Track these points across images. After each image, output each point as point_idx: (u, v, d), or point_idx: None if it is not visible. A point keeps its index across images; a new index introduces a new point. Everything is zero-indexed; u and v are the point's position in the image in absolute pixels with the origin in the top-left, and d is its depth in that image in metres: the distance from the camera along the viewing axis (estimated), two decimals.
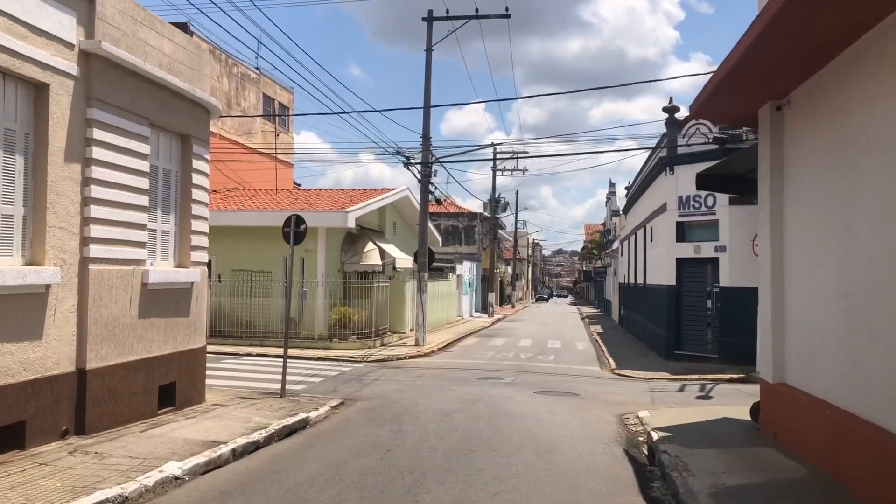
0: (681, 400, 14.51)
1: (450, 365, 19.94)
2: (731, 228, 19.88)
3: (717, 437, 10.08)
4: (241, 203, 26.30)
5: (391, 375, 17.43)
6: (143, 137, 10.47)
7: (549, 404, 13.32)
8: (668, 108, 21.66)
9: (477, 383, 16.20)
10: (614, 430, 11.10)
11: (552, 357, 22.57)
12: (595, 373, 19.30)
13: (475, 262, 47.83)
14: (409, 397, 13.93)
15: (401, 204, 30.89)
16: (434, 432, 10.47)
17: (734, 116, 10.45)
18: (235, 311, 23.47)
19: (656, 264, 23.73)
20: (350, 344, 22.55)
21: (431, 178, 24.77)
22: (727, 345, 19.84)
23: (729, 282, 19.91)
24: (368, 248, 25.73)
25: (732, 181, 12.30)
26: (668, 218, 21.62)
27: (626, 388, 16.12)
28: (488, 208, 47.68)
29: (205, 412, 11.52)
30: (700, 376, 18.05)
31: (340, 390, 15.03)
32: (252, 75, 34.39)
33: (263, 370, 17.83)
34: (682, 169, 21.12)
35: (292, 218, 14.20)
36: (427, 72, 24.32)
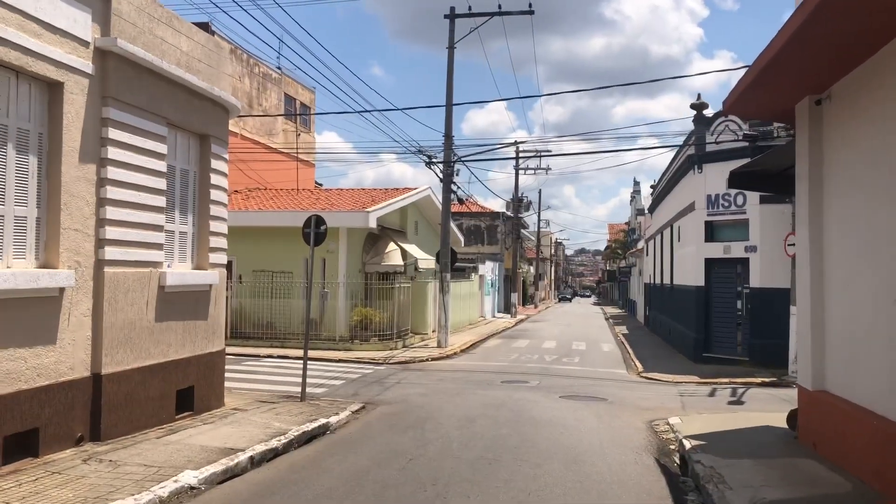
0: (712, 405, 14.06)
1: (473, 368, 19.60)
2: (762, 228, 19.37)
3: (753, 446, 9.66)
4: (262, 203, 26.15)
5: (413, 378, 17.12)
6: (161, 137, 10.25)
7: (576, 410, 12.95)
8: (697, 104, 21.16)
9: (501, 387, 15.85)
10: (644, 438, 10.71)
11: (577, 359, 22.16)
12: (622, 376, 18.87)
13: (497, 262, 47.44)
14: (431, 402, 13.62)
15: (422, 203, 30.60)
16: (457, 440, 10.14)
17: (769, 112, 10.03)
18: (256, 313, 23.30)
19: (684, 264, 23.25)
20: (371, 346, 22.29)
21: (454, 178, 24.42)
22: (757, 347, 19.34)
23: (759, 283, 19.41)
24: (390, 249, 25.48)
25: (766, 179, 11.86)
26: (696, 217, 21.14)
27: (655, 393, 15.70)
28: (511, 207, 47.26)
29: (223, 417, 11.28)
30: (730, 380, 17.58)
31: (362, 394, 14.75)
32: (273, 75, 34.27)
33: (284, 372, 17.61)
34: (711, 167, 20.64)
35: (312, 218, 13.94)
36: (449, 69, 24.00)
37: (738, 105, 9.73)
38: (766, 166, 11.46)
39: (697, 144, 20.97)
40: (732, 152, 19.97)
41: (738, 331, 20.23)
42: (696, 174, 21.11)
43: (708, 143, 20.55)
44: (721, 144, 20.27)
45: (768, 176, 11.74)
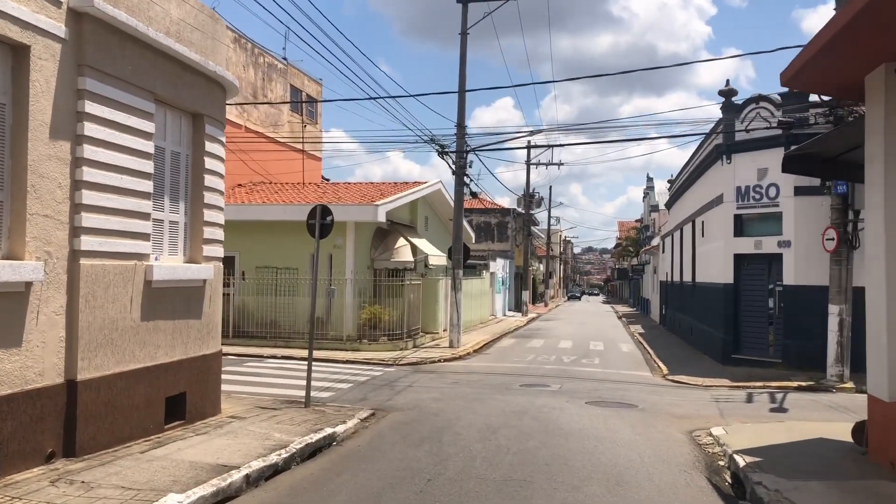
0: (752, 413, 12.88)
1: (488, 369, 18.46)
2: (797, 221, 18.15)
3: (816, 463, 8.50)
4: (266, 197, 25.05)
5: (425, 381, 16.00)
6: (147, 114, 9.14)
7: (607, 418, 11.79)
8: (725, 91, 19.92)
9: (521, 391, 14.71)
10: (689, 453, 9.55)
11: (597, 360, 20.99)
12: (647, 379, 17.70)
13: (508, 260, 46.27)
14: (447, 408, 12.49)
15: (433, 198, 29.47)
16: (481, 455, 9.00)
17: (832, 85, 8.84)
18: (259, 311, 22.21)
19: (709, 261, 22.03)
20: (380, 345, 21.17)
21: (466, 170, 23.26)
22: (791, 349, 18.13)
23: (794, 280, 18.19)
24: (400, 244, 24.33)
25: (823, 164, 10.66)
26: (724, 210, 19.92)
27: (686, 398, 14.53)
28: (522, 203, 46.06)
29: (218, 427, 10.17)
30: (764, 383, 16.40)
31: (371, 399, 13.64)
32: (279, 66, 33.16)
33: (288, 374, 16.53)
34: (741, 157, 19.42)
35: (318, 208, 12.81)
36: (462, 56, 22.86)
37: (799, 77, 8.55)
38: (822, 149, 10.26)
39: (726, 132, 19.75)
40: (765, 141, 18.79)
41: (770, 331, 19.00)
42: (724, 165, 19.88)
43: (738, 131, 19.33)
44: (752, 133, 19.05)
45: (824, 161, 10.54)
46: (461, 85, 22.59)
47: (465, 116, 22.80)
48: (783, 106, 18.41)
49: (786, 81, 8.79)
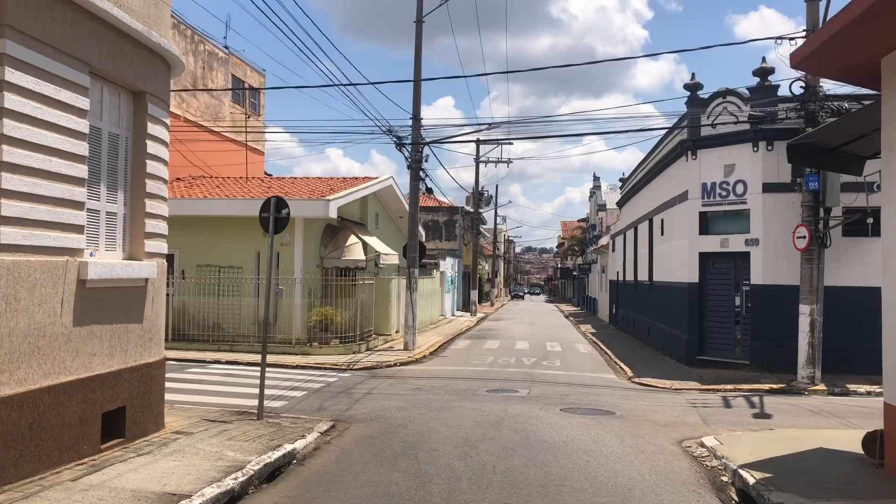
0: (736, 419, 12.23)
1: (449, 373, 17.51)
2: (765, 219, 17.69)
3: (831, 479, 7.80)
4: (207, 191, 23.61)
5: (385, 388, 14.97)
6: (81, 88, 7.91)
7: (588, 428, 10.96)
8: (691, 84, 19.38)
9: (489, 398, 13.80)
10: (688, 468, 8.76)
11: (558, 362, 20.24)
12: (613, 382, 17.01)
13: (457, 259, 45.41)
14: (415, 419, 11.49)
15: (384, 194, 28.40)
16: (465, 476, 8.04)
17: (845, 69, 8.15)
18: (201, 313, 20.80)
19: (671, 260, 21.50)
20: (332, 349, 20.02)
21: (422, 164, 22.26)
22: (759, 350, 17.67)
23: (762, 279, 17.73)
24: (351, 242, 23.19)
25: (824, 155, 10.01)
26: (689, 207, 19.38)
27: (661, 403, 13.83)
28: (471, 202, 45.27)
29: (163, 445, 8.98)
30: (735, 386, 15.85)
31: (328, 408, 12.57)
32: (220, 54, 31.60)
33: (235, 381, 15.30)
34: (708, 152, 18.90)
35: (272, 200, 11.65)
36: (417, 44, 21.87)
37: (812, 59, 7.84)
38: (828, 138, 9.62)
39: (691, 127, 19.22)
40: (732, 136, 18.31)
41: (737, 332, 18.52)
42: (689, 161, 19.34)
43: (704, 125, 18.80)
44: (718, 128, 18.55)
45: (826, 151, 9.89)
46: (416, 74, 21.60)
47: (420, 108, 21.81)
48: (751, 100, 17.94)
49: (796, 63, 8.07)
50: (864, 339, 16.83)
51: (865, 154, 9.76)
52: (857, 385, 15.71)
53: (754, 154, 17.85)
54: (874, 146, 9.62)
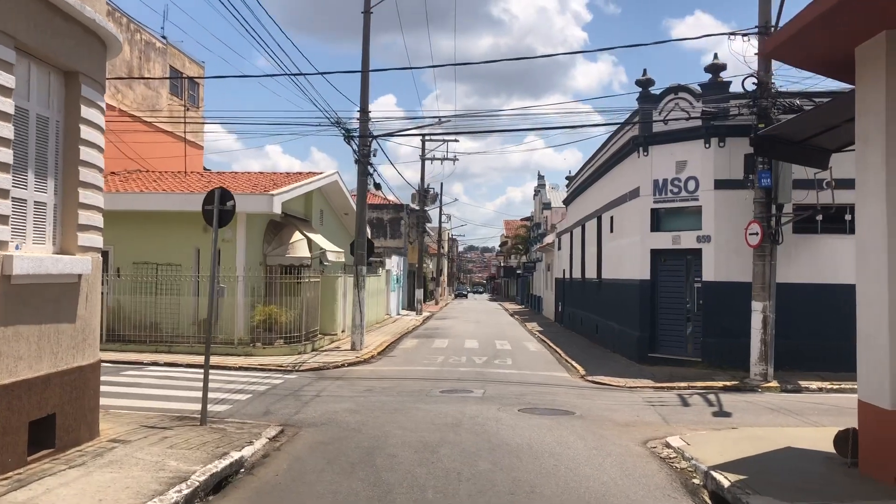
0: (696, 418, 12.03)
1: (399, 374, 16.99)
2: (717, 215, 17.65)
3: (806, 480, 7.56)
4: (144, 185, 22.58)
5: (334, 390, 14.37)
6: (6, 64, 7.15)
7: (550, 429, 10.58)
8: (643, 80, 19.24)
9: (444, 399, 13.33)
10: (657, 470, 8.44)
11: (509, 361, 19.91)
12: (566, 380, 16.73)
13: (402, 257, 44.86)
14: (369, 422, 10.95)
15: (329, 190, 27.66)
16: (429, 484, 7.54)
17: (820, 58, 7.91)
18: (138, 312, 19.81)
19: (622, 257, 21.38)
20: (277, 349, 19.29)
21: (370, 159, 21.67)
22: (711, 347, 17.62)
23: (714, 276, 17.68)
24: (296, 239, 22.46)
25: (790, 147, 9.82)
26: (640, 204, 19.26)
27: (619, 402, 13.57)
28: (416, 199, 44.75)
29: (98, 455, 8.25)
30: (689, 384, 15.72)
31: (275, 412, 11.93)
32: (158, 45, 30.41)
33: (174, 384, 14.52)
34: (659, 149, 18.80)
35: (216, 192, 10.96)
36: (365, 36, 21.26)
37: (786, 47, 7.59)
38: (796, 130, 9.43)
39: (643, 123, 19.08)
40: (684, 132, 18.24)
41: (689, 329, 18.45)
42: (640, 157, 19.22)
43: (656, 121, 18.69)
44: (669, 125, 18.46)
45: (793, 144, 9.70)
46: (364, 65, 20.99)
47: (368, 100, 21.23)
48: (703, 97, 17.88)
49: (770, 51, 7.88)
50: (814, 335, 16.97)
51: (831, 147, 9.63)
52: (809, 382, 15.75)
53: (706, 150, 17.79)
54: (841, 139, 9.49)
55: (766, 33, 16.01)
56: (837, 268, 17.19)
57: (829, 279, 17.18)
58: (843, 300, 17.07)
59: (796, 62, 7.98)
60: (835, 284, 17.13)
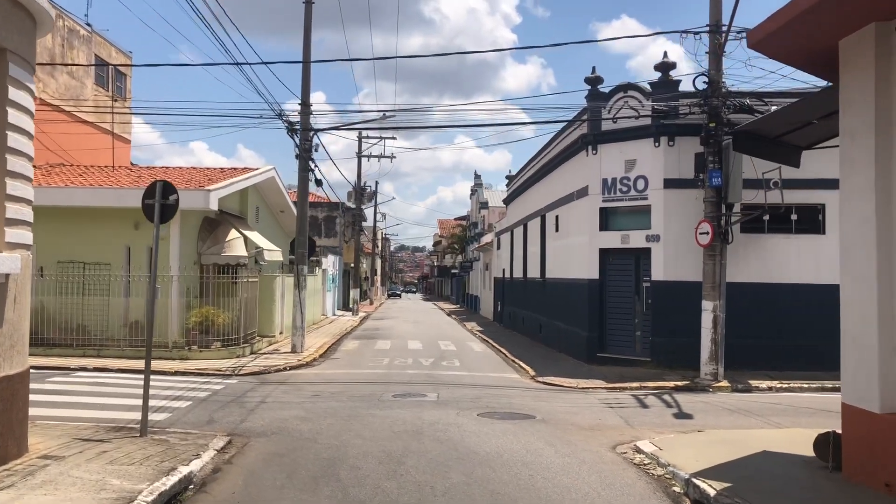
0: (658, 420, 11.79)
1: (346, 377, 16.34)
2: (667, 215, 17.57)
3: (792, 487, 7.32)
4: (69, 180, 21.29)
5: (280, 395, 13.66)
6: None
7: (516, 435, 10.16)
8: (592, 78, 19.05)
9: (398, 404, 12.77)
10: (636, 478, 8.09)
11: (457, 363, 19.46)
12: (517, 382, 16.39)
13: (338, 256, 43.96)
14: (323, 430, 10.33)
15: (265, 187, 26.70)
16: (401, 500, 6.98)
17: (804, 50, 7.67)
18: (63, 314, 18.60)
19: (568, 256, 21.18)
20: (214, 353, 18.38)
21: (311, 154, 20.91)
22: (661, 346, 17.53)
23: (663, 275, 17.61)
24: (232, 237, 21.51)
25: (765, 144, 9.63)
26: (589, 203, 19.07)
27: (575, 404, 13.26)
28: (352, 197, 43.93)
29: (28, 475, 7.43)
30: (641, 384, 15.57)
31: (220, 420, 11.20)
32: (82, 32, 28.88)
33: (106, 391, 13.61)
34: (609, 147, 18.64)
35: (158, 185, 10.16)
36: (307, 26, 20.50)
37: (772, 39, 7.33)
38: (766, 127, 9.23)
39: (592, 121, 18.90)
40: (634, 131, 18.11)
41: (637, 329, 18.34)
42: (589, 156, 19.02)
43: (605, 119, 18.52)
44: (619, 123, 18.33)
45: (765, 140, 9.51)
46: (306, 55, 20.22)
47: (309, 92, 20.49)
48: (653, 95, 17.78)
49: (754, 43, 7.56)
50: (761, 335, 17.05)
51: (802, 144, 9.49)
52: (759, 381, 15.77)
53: (656, 149, 17.70)
54: (812, 137, 9.35)
55: (717, 32, 16.05)
56: (783, 267, 17.34)
57: (776, 279, 17.32)
58: (790, 299, 17.29)
59: (780, 55, 7.74)
60: (781, 284, 17.30)
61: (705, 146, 16.09)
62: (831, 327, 16.96)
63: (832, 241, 17.27)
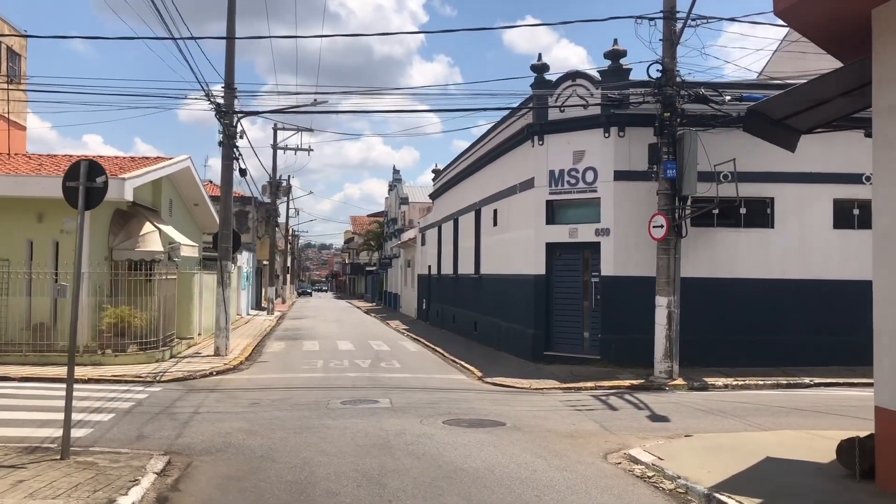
0: (633, 424, 11.05)
1: (282, 383, 15.01)
2: (617, 207, 16.98)
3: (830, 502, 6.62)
4: None
5: (213, 404, 12.28)
6: None
7: (496, 447, 9.18)
8: (538, 65, 18.26)
9: (351, 412, 11.60)
10: (650, 494, 7.24)
11: (396, 364, 18.35)
12: (467, 384, 15.46)
13: (251, 253, 41.98)
14: (277, 446, 9.10)
15: (178, 178, 24.76)
16: None
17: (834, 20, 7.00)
18: None
19: (509, 251, 20.38)
20: (131, 357, 16.67)
21: (235, 140, 19.36)
22: (611, 344, 16.93)
23: (613, 270, 17.00)
24: (147, 231, 19.68)
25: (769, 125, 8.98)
26: (534, 196, 18.30)
27: (538, 407, 12.40)
28: (268, 191, 42.05)
29: None
30: (596, 384, 14.90)
31: (151, 436, 9.82)
32: None
33: (10, 403, 12.01)
34: (555, 138, 17.91)
35: (82, 165, 8.71)
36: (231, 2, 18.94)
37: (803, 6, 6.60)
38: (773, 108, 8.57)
39: (537, 110, 18.12)
40: (582, 121, 17.47)
41: (585, 326, 17.68)
42: (535, 146, 18.24)
43: (552, 107, 17.78)
44: (566, 112, 17.64)
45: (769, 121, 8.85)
46: (230, 30, 18.63)
47: (234, 72, 18.89)
48: (603, 84, 17.16)
49: (780, 11, 6.83)
50: (710, 331, 16.68)
51: (802, 129, 8.90)
52: (712, 378, 15.35)
53: (605, 140, 17.09)
54: (814, 119, 8.77)
55: (671, 18, 15.54)
56: (733, 262, 17.05)
57: (726, 273, 17.01)
58: (739, 294, 17.01)
59: (805, 24, 7.04)
60: (731, 279, 17.00)
61: (659, 136, 15.56)
62: (781, 322, 17.04)
63: (781, 235, 17.19)
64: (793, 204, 17.18)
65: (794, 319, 16.97)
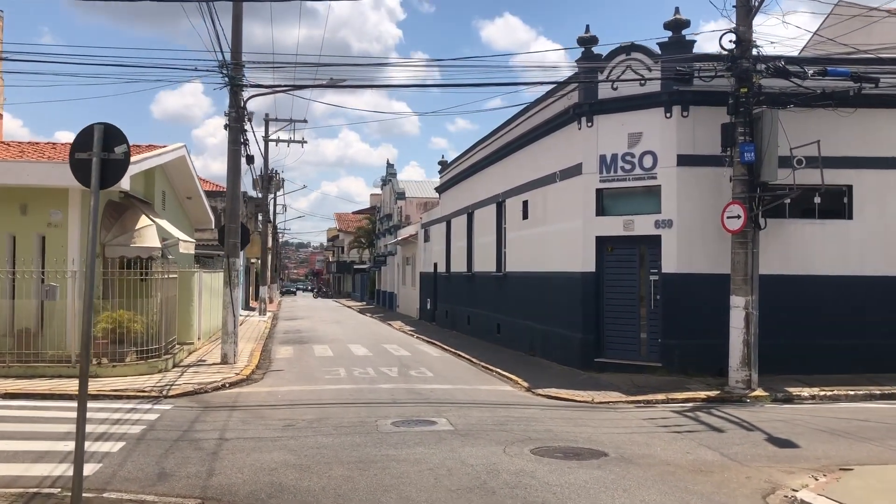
0: (760, 450, 9.15)
1: (309, 398, 13.01)
2: (680, 197, 15.13)
3: None
4: None
5: (241, 427, 10.29)
6: None
7: (626, 491, 7.25)
8: (586, 38, 16.32)
9: (410, 437, 9.63)
10: None
11: (429, 373, 16.36)
12: (518, 397, 13.60)
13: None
14: (342, 491, 7.18)
15: (172, 168, 22.62)
16: None
17: None
18: None
19: (547, 246, 18.44)
20: (130, 367, 14.60)
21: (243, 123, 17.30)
22: (674, 349, 15.05)
23: (676, 267, 15.14)
24: (142, 225, 17.53)
25: None
26: (580, 184, 16.40)
27: (625, 428, 10.52)
28: (258, 186, 39.83)
29: None
30: (667, 396, 13.07)
31: (175, 473, 7.87)
32: None
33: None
34: (607, 119, 16.02)
35: (96, 128, 6.68)
36: None
37: None
38: None
39: (586, 89, 16.21)
40: (638, 100, 15.60)
41: (643, 329, 15.81)
42: (583, 128, 16.33)
43: (601, 82, 15.91)
44: (619, 90, 15.79)
45: None
46: None
47: (241, 46, 16.81)
48: (662, 58, 15.31)
49: None
50: (785, 334, 14.88)
51: None
52: (793, 388, 13.55)
53: (667, 120, 15.23)
54: None
55: None
56: (807, 257, 15.28)
57: (798, 270, 15.22)
58: (815, 293, 15.24)
59: None
60: (804, 276, 15.23)
61: (734, 116, 13.75)
62: (860, 323, 15.26)
63: (860, 226, 15.47)
64: (873, 192, 15.44)
65: (874, 321, 15.22)
